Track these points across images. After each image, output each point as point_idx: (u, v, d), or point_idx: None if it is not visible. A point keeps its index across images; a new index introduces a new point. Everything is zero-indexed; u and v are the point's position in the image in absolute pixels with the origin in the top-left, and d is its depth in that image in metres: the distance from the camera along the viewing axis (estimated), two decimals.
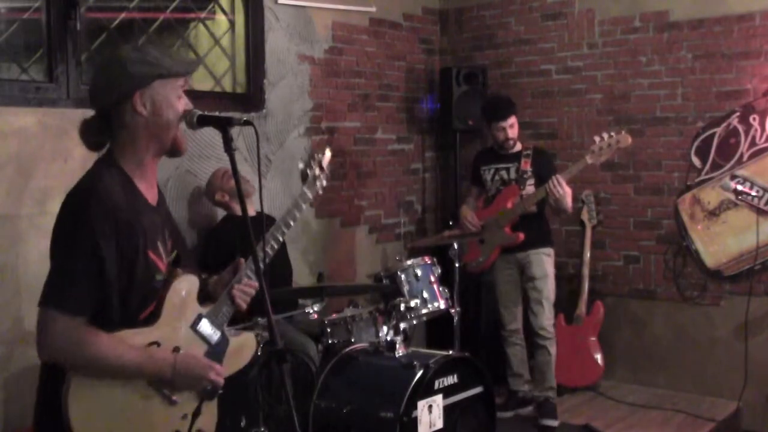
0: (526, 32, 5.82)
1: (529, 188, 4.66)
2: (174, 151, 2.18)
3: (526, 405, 4.88)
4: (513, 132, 4.73)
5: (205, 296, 2.34)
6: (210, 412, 2.26)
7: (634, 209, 5.39)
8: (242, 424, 3.51)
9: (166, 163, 4.43)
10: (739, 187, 4.71)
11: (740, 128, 4.96)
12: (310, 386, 3.55)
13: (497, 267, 4.85)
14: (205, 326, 2.25)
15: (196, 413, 2.19)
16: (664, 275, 5.29)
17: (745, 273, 4.94)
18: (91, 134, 2.12)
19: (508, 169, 4.77)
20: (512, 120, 4.73)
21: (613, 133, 4.47)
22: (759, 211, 4.85)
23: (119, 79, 2.05)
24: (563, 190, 4.47)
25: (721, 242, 5.04)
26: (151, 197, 2.16)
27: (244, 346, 2.41)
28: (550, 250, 4.79)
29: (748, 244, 4.89)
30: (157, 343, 2.10)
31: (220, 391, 2.23)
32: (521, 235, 4.65)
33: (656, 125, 5.27)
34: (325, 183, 2.83)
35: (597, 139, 4.47)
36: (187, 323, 2.21)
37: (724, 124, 5.02)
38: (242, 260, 2.39)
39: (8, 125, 3.72)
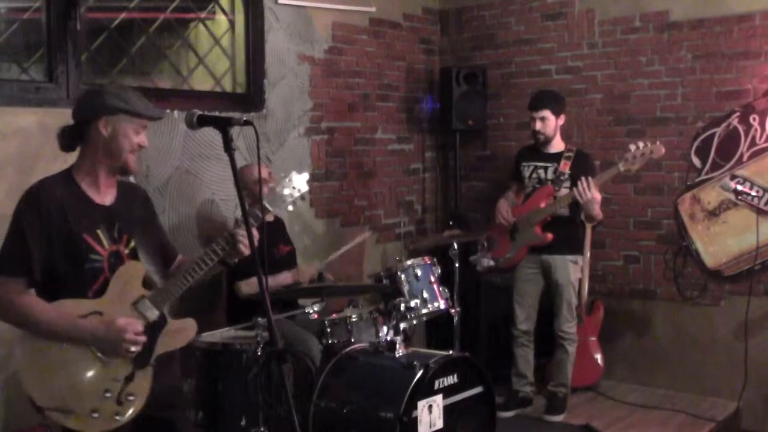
0: (526, 32, 5.82)
1: (565, 190, 4.65)
2: (123, 171, 2.67)
3: (527, 405, 4.89)
4: (543, 126, 4.71)
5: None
6: (143, 379, 2.58)
7: (634, 209, 5.39)
8: (242, 424, 3.51)
9: (166, 163, 4.46)
10: (739, 187, 4.71)
11: (740, 128, 4.96)
12: (310, 386, 3.55)
13: (521, 265, 4.85)
14: (145, 305, 2.60)
15: (129, 378, 2.55)
16: (664, 275, 5.29)
17: (745, 273, 4.94)
18: (63, 138, 2.66)
19: (546, 169, 4.77)
20: (544, 113, 4.70)
21: (648, 143, 4.45)
22: (759, 211, 4.85)
23: (95, 102, 2.60)
24: (590, 195, 4.46)
25: (721, 242, 5.04)
26: (101, 200, 2.64)
27: (183, 328, 2.71)
28: (577, 257, 4.78)
29: (748, 244, 4.89)
30: (99, 313, 2.53)
31: (153, 363, 2.58)
32: (550, 236, 4.66)
33: (656, 125, 5.27)
34: (290, 208, 2.95)
35: (632, 147, 4.45)
36: (129, 301, 2.59)
37: (724, 124, 5.02)
38: (238, 216, 2.74)
39: (8, 125, 3.72)
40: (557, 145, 4.80)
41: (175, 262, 2.91)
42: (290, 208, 2.94)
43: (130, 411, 2.55)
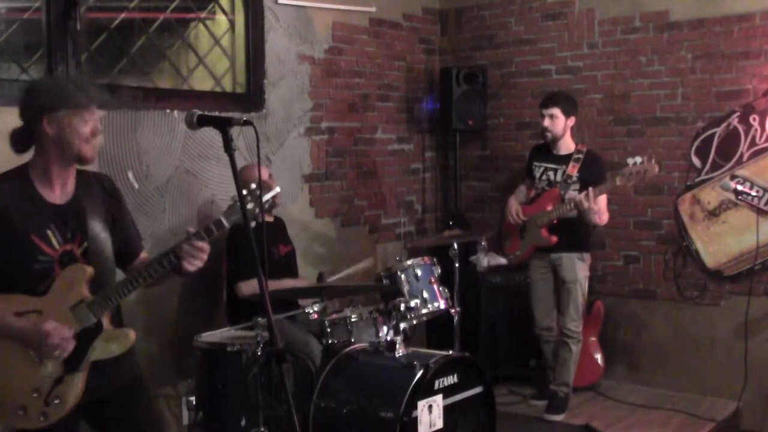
0: (526, 32, 5.82)
1: (572, 193, 4.67)
2: (80, 161, 2.61)
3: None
4: (551, 123, 4.73)
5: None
6: (72, 383, 2.56)
7: (634, 209, 5.39)
8: (242, 424, 3.51)
9: (166, 163, 4.46)
10: (739, 187, 4.70)
11: (740, 128, 4.96)
12: (310, 386, 3.55)
13: (533, 266, 4.93)
14: (82, 310, 2.57)
15: (58, 380, 2.55)
16: (664, 275, 5.29)
17: (745, 273, 4.94)
18: (14, 141, 2.63)
19: (555, 171, 4.80)
20: (554, 111, 4.72)
21: (644, 160, 4.45)
22: (759, 211, 4.85)
23: (33, 103, 2.58)
24: (588, 205, 4.50)
25: (721, 242, 5.04)
26: (55, 198, 2.60)
27: (118, 338, 2.66)
28: (584, 255, 4.82)
29: (748, 244, 4.89)
30: (39, 312, 2.53)
31: (82, 369, 2.56)
32: (554, 239, 4.72)
33: (656, 125, 5.27)
34: (253, 224, 2.62)
35: (630, 161, 4.47)
36: (68, 303, 2.57)
37: (724, 124, 5.02)
38: (190, 228, 2.65)
39: (8, 125, 3.70)
40: (567, 146, 4.82)
41: (137, 258, 2.83)
42: (253, 224, 2.63)
43: (57, 413, 2.55)
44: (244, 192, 2.59)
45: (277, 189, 2.78)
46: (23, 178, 2.60)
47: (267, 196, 2.70)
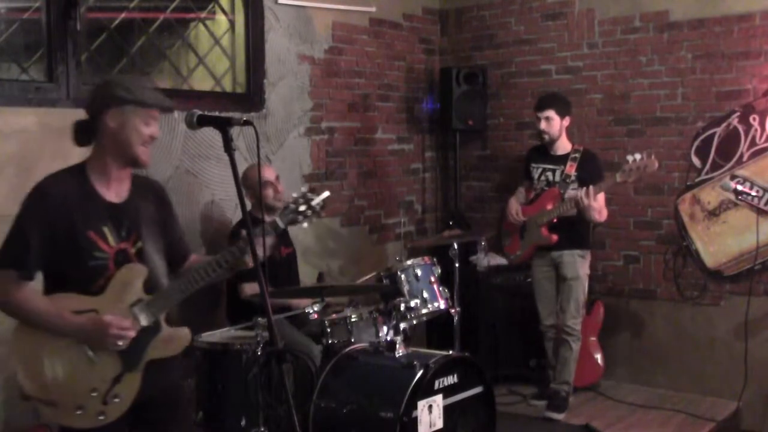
0: (526, 32, 5.82)
1: (571, 192, 4.70)
2: (135, 164, 2.62)
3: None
4: (547, 126, 4.78)
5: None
6: (130, 382, 2.57)
7: (634, 209, 5.39)
8: (242, 424, 3.51)
9: (165, 163, 4.46)
10: (739, 187, 4.70)
11: (740, 128, 4.96)
12: (310, 386, 3.55)
13: (535, 264, 4.96)
14: (141, 309, 2.57)
15: (116, 379, 2.54)
16: (664, 275, 5.29)
17: (745, 273, 4.94)
18: (77, 132, 2.62)
19: (554, 171, 4.83)
20: (549, 113, 4.77)
21: (644, 156, 4.47)
22: (759, 211, 4.85)
23: (102, 95, 2.59)
24: (587, 202, 4.53)
25: (721, 242, 5.04)
26: (112, 196, 2.61)
27: (177, 336, 2.68)
28: (584, 252, 4.85)
29: (748, 244, 4.89)
30: (95, 311, 2.52)
31: (140, 368, 2.56)
32: (554, 237, 4.76)
33: (656, 125, 5.27)
34: (305, 225, 2.84)
35: (630, 158, 4.49)
36: (127, 303, 2.57)
37: (724, 124, 5.02)
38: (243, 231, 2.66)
39: (8, 125, 3.73)
40: (564, 146, 4.85)
41: (187, 261, 2.86)
42: (305, 225, 2.83)
43: (114, 412, 2.54)
44: (295, 195, 2.77)
45: (327, 193, 2.86)
46: (81, 175, 2.60)
47: (318, 199, 2.79)
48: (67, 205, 2.52)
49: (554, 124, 4.78)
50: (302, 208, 2.77)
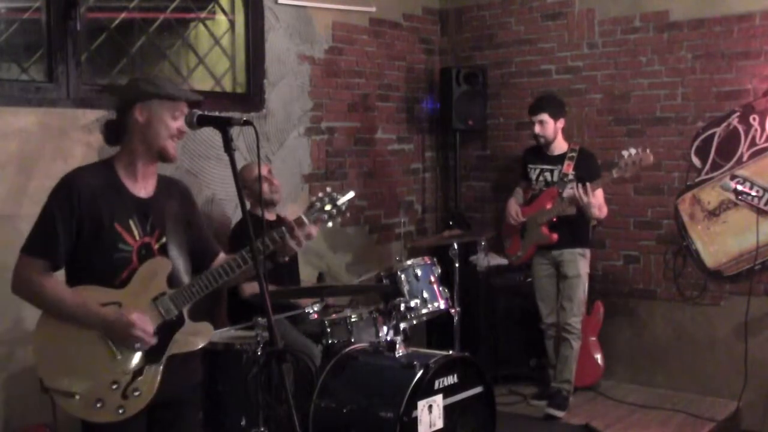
0: (526, 32, 5.82)
1: (570, 191, 4.71)
2: (163, 158, 2.65)
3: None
4: (542, 129, 4.81)
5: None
6: (152, 376, 2.56)
7: (634, 209, 5.39)
8: (242, 424, 3.51)
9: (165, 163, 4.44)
10: (739, 187, 4.71)
11: (740, 128, 4.96)
12: (310, 386, 3.55)
13: (535, 262, 4.98)
14: (165, 302, 2.59)
15: (138, 373, 2.54)
16: (664, 275, 5.29)
17: (745, 273, 4.94)
18: (106, 130, 2.66)
19: (552, 172, 4.86)
20: (542, 116, 4.80)
21: (638, 150, 4.51)
22: (759, 211, 4.85)
23: (130, 90, 2.65)
24: (587, 199, 4.57)
25: (721, 242, 5.04)
26: (139, 191, 2.64)
27: (199, 331, 2.69)
28: (585, 251, 4.87)
29: (748, 244, 4.89)
30: (119, 303, 2.53)
31: (162, 362, 2.56)
32: (555, 236, 4.78)
33: (656, 125, 5.27)
34: (330, 224, 2.81)
35: (625, 153, 4.53)
36: (150, 296, 2.58)
37: (724, 124, 5.02)
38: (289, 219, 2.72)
39: (8, 125, 3.72)
40: (560, 147, 4.87)
41: (216, 260, 2.84)
42: (330, 224, 2.81)
43: (135, 406, 2.53)
44: (320, 194, 2.77)
45: (352, 193, 2.84)
46: (109, 169, 2.63)
47: (343, 199, 2.78)
48: (94, 197, 2.54)
49: (548, 127, 4.81)
50: (328, 207, 2.76)
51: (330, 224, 2.80)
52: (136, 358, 2.54)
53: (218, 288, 2.68)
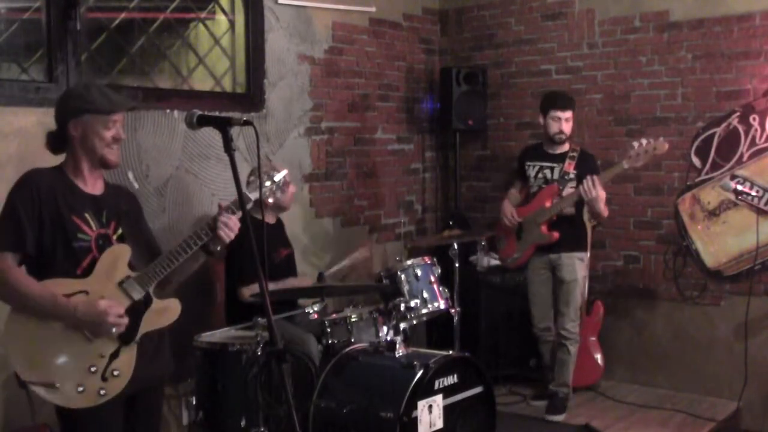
0: (526, 32, 5.82)
1: (569, 190, 4.69)
2: (104, 165, 2.77)
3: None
4: (567, 127, 4.76)
5: None
6: (128, 356, 2.67)
7: (634, 209, 5.39)
8: (242, 424, 3.50)
9: (166, 163, 4.47)
10: (739, 187, 4.71)
11: (740, 128, 4.96)
12: (310, 386, 3.55)
13: (531, 267, 4.91)
14: (131, 285, 2.70)
15: (114, 354, 2.64)
16: (664, 275, 5.29)
17: (745, 273, 4.94)
18: (49, 142, 2.80)
19: (552, 169, 4.81)
20: (569, 114, 4.76)
21: (651, 140, 4.48)
22: (759, 211, 4.85)
23: (62, 107, 2.76)
24: (596, 192, 4.49)
25: (721, 242, 5.04)
26: (89, 189, 2.77)
27: (167, 309, 2.79)
28: (583, 254, 4.83)
29: (748, 244, 4.89)
30: (85, 292, 2.63)
31: (137, 340, 2.68)
32: (556, 234, 4.72)
33: (656, 125, 5.27)
34: (271, 200, 3.10)
35: (635, 144, 4.49)
36: (115, 280, 2.69)
37: (724, 124, 5.02)
38: (222, 202, 2.85)
39: (8, 125, 3.73)
40: (562, 145, 4.84)
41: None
42: (270, 200, 3.06)
43: (115, 387, 2.63)
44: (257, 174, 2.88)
45: (285, 171, 3.04)
46: (60, 172, 2.77)
47: (279, 176, 2.98)
48: (53, 193, 2.67)
49: (571, 124, 4.78)
50: (267, 183, 2.96)
51: (271, 200, 3.08)
52: (111, 341, 2.64)
53: (178, 269, 2.78)
